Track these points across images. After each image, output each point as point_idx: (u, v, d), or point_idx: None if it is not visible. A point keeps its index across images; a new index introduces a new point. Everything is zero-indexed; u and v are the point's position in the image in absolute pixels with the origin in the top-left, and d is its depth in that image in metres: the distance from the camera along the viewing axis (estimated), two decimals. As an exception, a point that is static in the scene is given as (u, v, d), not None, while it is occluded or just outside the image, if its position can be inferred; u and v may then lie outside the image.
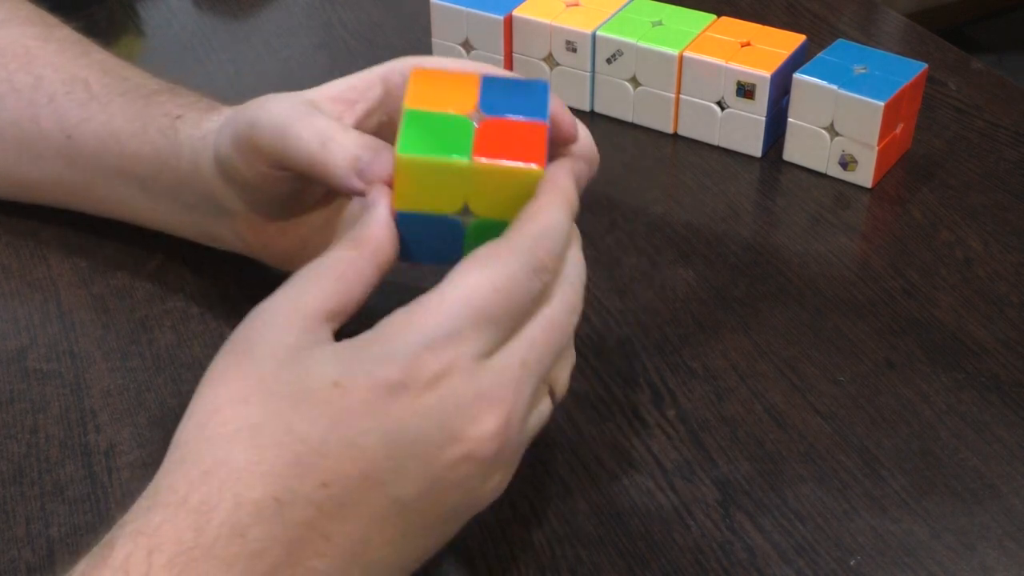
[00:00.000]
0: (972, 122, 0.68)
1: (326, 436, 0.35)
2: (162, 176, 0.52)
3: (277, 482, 0.35)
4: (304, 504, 0.35)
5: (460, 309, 0.36)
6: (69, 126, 0.55)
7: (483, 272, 0.37)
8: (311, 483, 0.35)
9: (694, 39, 0.66)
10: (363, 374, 0.36)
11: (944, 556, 0.44)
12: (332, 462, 0.35)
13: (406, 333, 0.36)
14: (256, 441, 0.35)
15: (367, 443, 0.35)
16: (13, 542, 0.44)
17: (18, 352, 0.53)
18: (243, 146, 0.46)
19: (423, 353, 0.36)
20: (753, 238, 0.60)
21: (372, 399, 0.35)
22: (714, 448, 0.48)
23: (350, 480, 0.36)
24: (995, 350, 0.52)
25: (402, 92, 0.44)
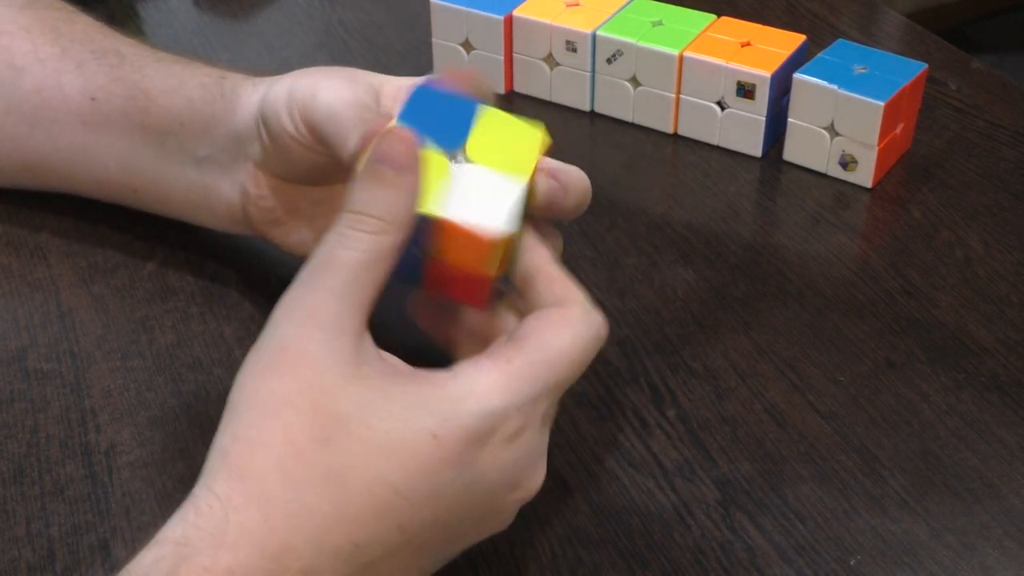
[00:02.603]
0: (972, 122, 0.68)
1: (417, 487, 0.36)
2: (185, 127, 0.53)
3: (361, 529, 0.35)
4: (378, 547, 0.36)
5: (543, 373, 0.38)
6: (95, 88, 0.55)
7: (563, 337, 0.39)
8: (389, 527, 0.36)
9: (694, 39, 0.66)
10: (459, 428, 0.36)
11: (944, 556, 0.44)
12: (415, 509, 0.36)
13: (502, 393, 0.37)
14: (344, 488, 0.35)
15: (450, 491, 0.37)
16: (13, 542, 0.44)
17: (18, 352, 0.53)
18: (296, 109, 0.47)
19: (512, 413, 0.38)
20: (753, 238, 0.60)
21: (464, 452, 0.37)
22: (714, 448, 0.48)
23: (424, 524, 0.37)
24: (995, 350, 0.52)
25: None
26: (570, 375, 0.39)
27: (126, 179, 0.57)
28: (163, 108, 0.54)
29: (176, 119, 0.54)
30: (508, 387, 0.38)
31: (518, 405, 0.38)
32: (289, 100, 0.47)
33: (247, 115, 0.51)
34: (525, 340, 0.39)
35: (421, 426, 0.36)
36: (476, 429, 0.37)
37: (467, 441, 0.36)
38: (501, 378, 0.38)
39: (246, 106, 0.51)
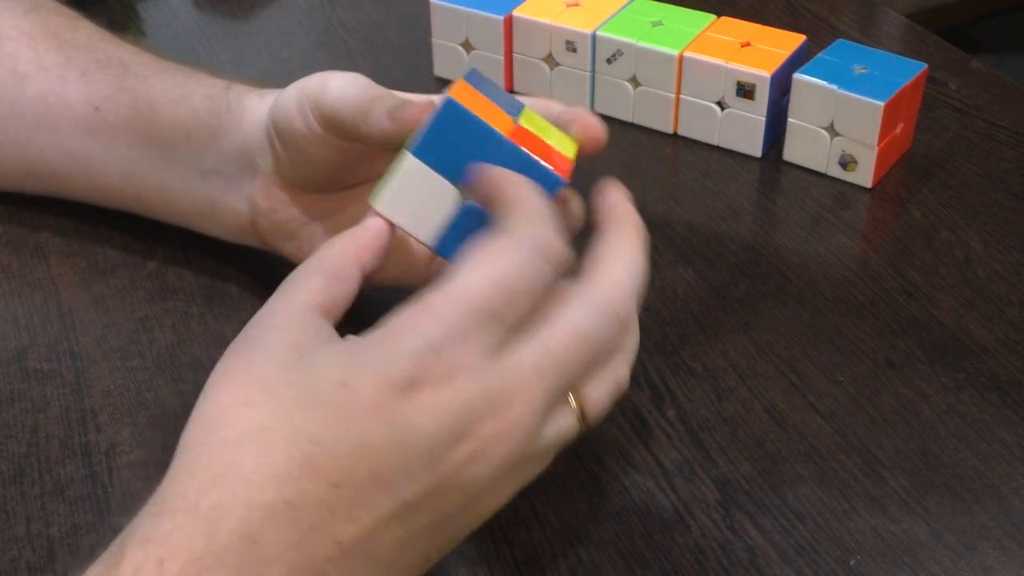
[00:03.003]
0: (972, 122, 0.69)
1: (336, 436, 0.35)
2: (191, 139, 0.53)
3: (288, 484, 0.35)
4: (315, 506, 0.35)
5: (462, 307, 0.36)
6: (99, 97, 0.55)
7: (482, 266, 0.37)
8: (322, 484, 0.35)
9: (694, 39, 0.66)
10: (370, 374, 0.35)
11: (944, 556, 0.44)
12: (342, 462, 0.35)
13: (411, 334, 0.36)
14: (265, 444, 0.35)
15: (376, 443, 0.35)
16: (13, 542, 0.44)
17: (18, 352, 0.53)
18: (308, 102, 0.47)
19: (429, 354, 0.35)
20: (753, 238, 0.60)
21: (380, 399, 0.35)
22: (714, 448, 0.48)
23: (360, 480, 0.35)
24: (995, 350, 0.52)
25: None
26: (502, 304, 0.36)
27: (130, 188, 0.57)
28: (168, 119, 0.54)
29: (182, 130, 0.54)
30: (420, 326, 0.36)
31: (434, 345, 0.35)
32: (299, 99, 0.48)
33: (255, 126, 0.51)
34: (444, 278, 0.37)
35: (332, 376, 0.36)
36: (388, 375, 0.35)
37: (380, 388, 0.35)
38: (417, 315, 0.36)
39: (253, 117, 0.51)
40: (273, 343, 0.37)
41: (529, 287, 0.37)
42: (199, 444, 0.36)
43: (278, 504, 0.34)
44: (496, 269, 0.37)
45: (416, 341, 0.36)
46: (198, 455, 0.36)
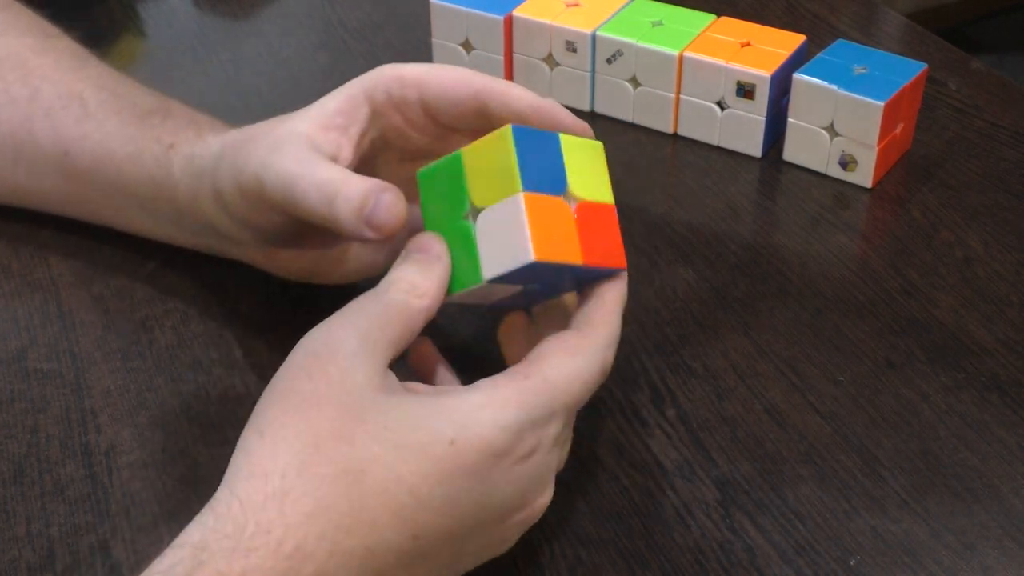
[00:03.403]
0: (972, 122, 0.68)
1: (434, 492, 0.36)
2: (159, 202, 0.52)
3: (375, 532, 0.35)
4: (390, 554, 0.36)
5: (560, 396, 0.39)
6: (66, 142, 0.54)
7: (576, 363, 0.40)
8: (405, 535, 0.36)
9: (694, 39, 0.66)
10: (477, 437, 0.37)
11: (944, 556, 0.44)
12: (429, 517, 0.36)
13: (517, 407, 0.38)
14: (362, 487, 0.35)
15: (464, 501, 0.37)
16: (13, 542, 0.44)
17: (18, 352, 0.53)
18: (250, 198, 0.46)
19: (528, 429, 0.38)
20: (753, 238, 0.60)
21: (480, 462, 0.37)
22: (714, 448, 0.48)
23: (438, 535, 0.37)
24: (995, 350, 0.52)
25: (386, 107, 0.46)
26: (580, 398, 0.40)
27: (121, 225, 0.57)
28: (130, 178, 0.53)
29: (147, 191, 0.52)
30: (523, 401, 0.38)
31: (533, 419, 0.38)
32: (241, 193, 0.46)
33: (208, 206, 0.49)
34: (541, 359, 0.40)
35: (440, 431, 0.36)
36: (492, 440, 0.37)
37: (483, 451, 0.37)
38: (517, 392, 0.38)
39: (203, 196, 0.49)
40: (364, 380, 0.37)
41: (593, 388, 0.41)
42: (289, 472, 0.35)
43: (359, 549, 0.35)
44: (586, 372, 0.40)
45: (520, 414, 0.38)
46: (290, 486, 0.35)
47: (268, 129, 0.46)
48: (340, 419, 0.36)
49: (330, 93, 0.46)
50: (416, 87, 0.46)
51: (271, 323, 0.54)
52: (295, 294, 0.55)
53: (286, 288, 0.54)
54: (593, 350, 0.41)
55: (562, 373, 0.39)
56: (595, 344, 0.41)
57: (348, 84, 0.46)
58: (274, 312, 0.55)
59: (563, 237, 0.41)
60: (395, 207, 0.41)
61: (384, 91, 0.46)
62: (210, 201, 0.49)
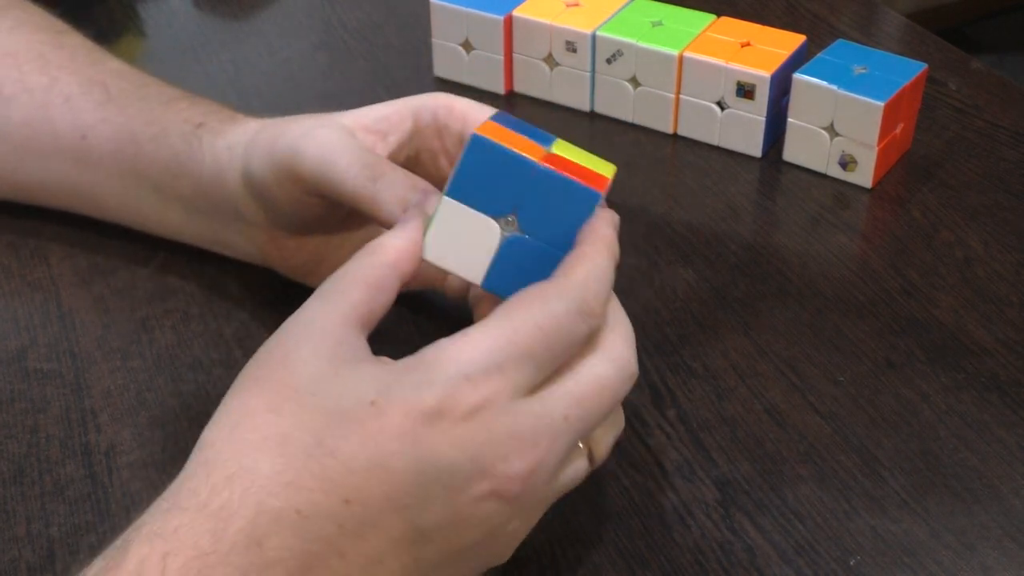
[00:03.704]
0: (972, 122, 0.69)
1: (356, 453, 0.35)
2: (179, 182, 0.52)
3: (301, 494, 0.35)
4: (325, 519, 0.35)
5: (503, 344, 0.36)
6: (85, 126, 0.55)
7: (529, 310, 0.37)
8: (335, 498, 0.35)
9: (694, 39, 0.66)
10: (400, 397, 0.36)
11: (944, 556, 0.44)
12: (358, 479, 0.35)
13: (447, 362, 0.36)
14: (284, 451, 0.35)
15: (396, 466, 0.36)
16: (13, 542, 0.44)
17: (18, 352, 0.53)
18: (282, 172, 0.46)
19: (462, 383, 0.36)
20: (753, 238, 0.60)
21: (407, 423, 0.36)
22: (714, 448, 0.48)
23: (373, 500, 0.36)
24: (995, 350, 0.52)
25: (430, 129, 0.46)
26: (541, 347, 0.37)
27: (129, 214, 0.57)
28: (151, 157, 0.53)
29: (166, 171, 0.53)
30: (457, 357, 0.36)
31: (469, 376, 0.36)
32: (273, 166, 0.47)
33: (230, 180, 0.50)
34: (491, 316, 0.37)
35: (362, 394, 0.36)
36: (419, 400, 0.35)
37: (408, 412, 0.35)
38: (452, 349, 0.36)
39: (226, 172, 0.50)
40: (307, 353, 0.37)
41: (566, 339, 0.37)
42: (219, 442, 0.36)
43: (288, 511, 0.35)
44: (541, 314, 0.37)
45: (451, 369, 0.36)
46: (217, 453, 0.36)
47: (310, 116, 0.47)
48: (274, 392, 0.36)
49: (380, 103, 0.47)
50: (461, 120, 0.47)
51: (271, 323, 0.54)
52: (295, 295, 0.54)
53: (286, 289, 0.54)
54: (558, 294, 0.37)
55: (512, 323, 0.37)
56: (560, 288, 0.38)
57: (400, 99, 0.47)
58: (274, 312, 0.55)
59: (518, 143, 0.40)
60: None
61: (432, 113, 0.47)
62: (236, 177, 0.49)
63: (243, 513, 0.34)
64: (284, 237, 0.51)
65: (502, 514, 0.38)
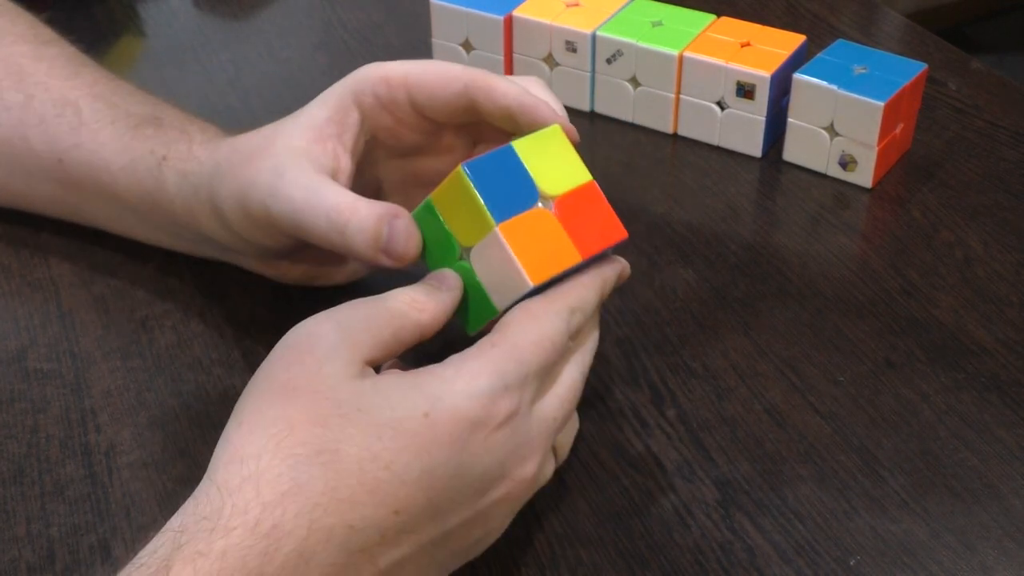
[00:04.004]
0: (972, 122, 0.68)
1: (410, 464, 0.36)
2: (155, 213, 0.52)
3: (354, 510, 0.35)
4: (372, 531, 0.36)
5: (530, 357, 0.39)
6: (60, 150, 0.54)
7: (541, 326, 0.40)
8: (385, 511, 0.36)
9: (694, 39, 0.66)
10: (451, 407, 0.37)
11: (944, 556, 0.44)
12: (409, 490, 0.36)
13: (489, 374, 0.38)
14: (337, 466, 0.35)
15: (442, 473, 0.37)
16: (13, 542, 0.44)
17: (18, 352, 0.53)
18: (258, 222, 0.46)
19: (502, 395, 0.38)
20: (753, 238, 0.60)
21: (456, 432, 0.37)
22: (714, 448, 0.48)
23: (418, 508, 0.36)
24: (995, 350, 0.52)
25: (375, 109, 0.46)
26: (549, 359, 0.40)
27: (119, 231, 0.57)
28: (125, 187, 0.52)
29: (142, 201, 0.52)
30: (494, 369, 0.38)
31: (506, 385, 0.38)
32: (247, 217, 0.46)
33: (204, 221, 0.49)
34: (507, 326, 0.40)
35: (413, 406, 0.37)
36: (467, 410, 0.37)
37: (458, 421, 0.37)
38: (487, 361, 0.38)
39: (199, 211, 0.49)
40: (342, 370, 0.37)
41: (560, 349, 0.41)
42: (265, 456, 0.35)
43: (339, 527, 0.35)
44: (550, 333, 0.40)
45: (493, 380, 0.38)
46: (265, 468, 0.35)
47: (264, 145, 0.45)
48: (314, 404, 0.36)
49: (317, 99, 0.46)
50: (403, 87, 0.46)
51: (271, 323, 0.54)
52: (295, 295, 0.55)
53: (286, 289, 0.54)
54: (555, 312, 0.40)
55: (528, 337, 0.39)
56: (555, 307, 0.41)
57: (333, 89, 0.46)
58: (274, 312, 0.55)
59: (554, 248, 0.41)
60: (409, 232, 0.42)
61: (371, 93, 0.46)
62: (208, 216, 0.49)
63: (297, 533, 0.34)
64: (274, 260, 0.52)
65: (505, 514, 0.40)
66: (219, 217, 0.48)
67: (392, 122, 0.47)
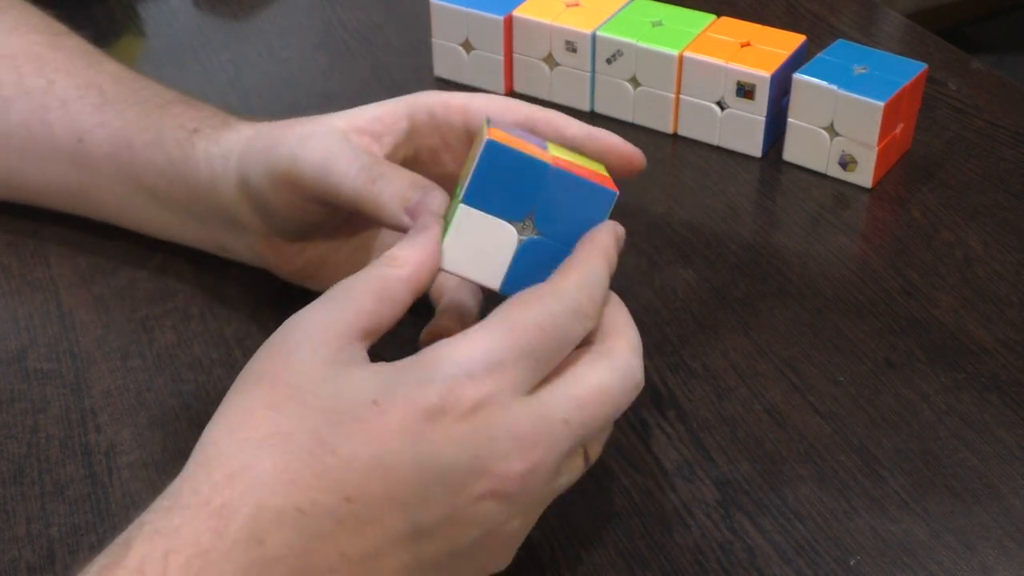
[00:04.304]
0: (972, 122, 0.69)
1: (357, 452, 0.35)
2: (175, 188, 0.52)
3: (301, 492, 0.35)
4: (325, 517, 0.35)
5: (503, 342, 0.37)
6: (82, 130, 0.54)
7: (527, 310, 0.37)
8: (335, 497, 0.35)
9: (694, 39, 0.66)
10: (402, 396, 0.36)
11: (944, 556, 0.44)
12: (359, 477, 0.35)
13: (448, 360, 0.36)
14: (285, 449, 0.35)
15: (397, 463, 0.36)
16: (13, 542, 0.44)
17: (18, 352, 0.53)
18: (280, 179, 0.46)
19: (464, 381, 0.36)
20: (753, 238, 0.60)
21: (408, 421, 0.36)
22: (714, 448, 0.48)
23: (373, 498, 0.36)
24: (995, 350, 0.52)
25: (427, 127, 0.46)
26: (541, 346, 0.37)
27: (128, 218, 0.57)
28: (147, 163, 0.53)
29: (162, 177, 0.53)
30: (458, 356, 0.36)
31: (471, 373, 0.36)
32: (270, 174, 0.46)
33: (225, 186, 0.50)
34: (490, 316, 0.38)
35: (364, 394, 0.36)
36: (420, 398, 0.35)
37: (410, 410, 0.35)
38: (453, 348, 0.36)
39: (221, 179, 0.50)
40: (308, 354, 0.37)
41: (563, 339, 0.38)
42: (220, 441, 0.36)
43: (289, 509, 0.35)
44: (539, 313, 0.37)
45: (452, 366, 0.36)
46: (218, 452, 0.36)
47: (304, 120, 0.47)
48: (273, 390, 0.37)
49: (374, 103, 0.47)
50: (461, 112, 0.46)
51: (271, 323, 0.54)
52: (296, 295, 0.55)
53: (286, 289, 0.54)
54: (555, 293, 0.38)
55: (511, 323, 0.37)
56: (559, 288, 0.38)
57: (394, 98, 0.47)
58: (274, 312, 0.55)
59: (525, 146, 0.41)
60: (440, 203, 0.41)
61: (427, 111, 0.46)
62: (232, 185, 0.49)
63: (244, 511, 0.35)
64: (282, 243, 0.51)
65: (501, 513, 0.37)
66: (242, 183, 0.48)
67: (439, 144, 0.47)
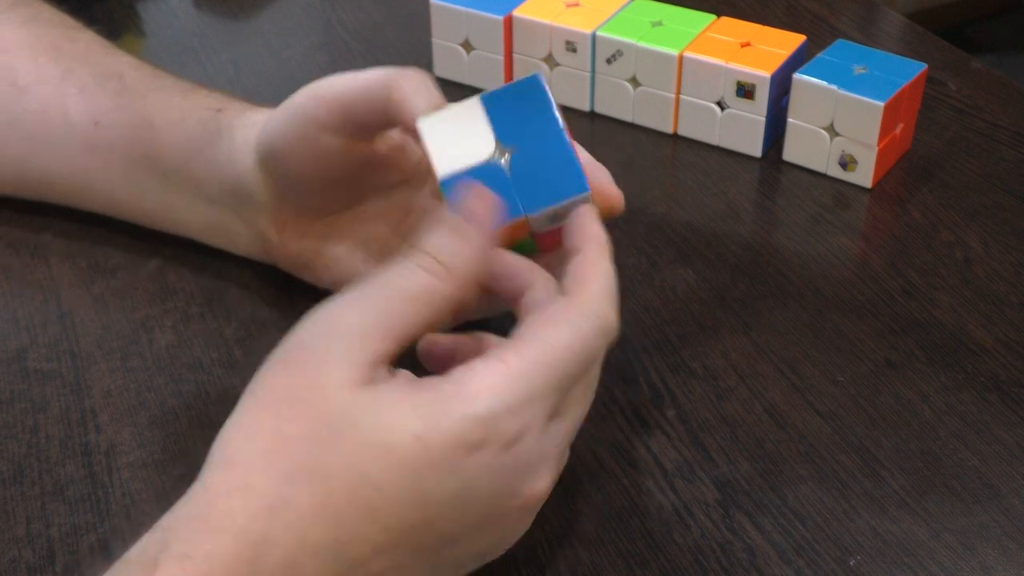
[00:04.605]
0: (972, 122, 0.69)
1: (401, 487, 0.35)
2: (190, 165, 0.53)
3: (342, 525, 0.35)
4: (362, 543, 0.35)
5: (538, 369, 0.37)
6: (99, 113, 0.55)
7: (557, 330, 0.37)
8: (376, 527, 0.35)
9: (694, 39, 0.66)
10: (446, 431, 0.35)
11: (944, 556, 0.44)
12: (399, 509, 0.36)
13: (488, 392, 0.36)
14: (326, 485, 0.35)
15: (438, 495, 0.36)
16: (13, 542, 0.44)
17: (18, 352, 0.53)
18: (300, 117, 0.47)
19: (505, 416, 0.36)
20: (753, 238, 0.60)
21: (450, 455, 0.36)
22: (714, 448, 0.48)
23: (412, 524, 0.36)
24: (995, 350, 0.52)
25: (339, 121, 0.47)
26: (573, 371, 0.38)
27: (135, 207, 0.57)
28: (166, 142, 0.53)
29: (180, 155, 0.53)
30: (499, 389, 0.36)
31: (511, 408, 0.36)
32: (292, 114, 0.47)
33: (245, 158, 0.50)
34: (521, 339, 0.37)
35: (406, 428, 0.35)
36: (463, 433, 0.35)
37: (453, 445, 0.35)
38: (492, 380, 0.36)
39: (242, 149, 0.50)
40: (338, 379, 0.36)
41: (591, 359, 0.39)
42: (254, 468, 0.35)
43: (328, 541, 0.35)
44: (574, 339, 0.37)
45: (491, 400, 0.36)
46: (253, 480, 0.35)
47: None
48: (308, 418, 0.36)
49: None
50: None
51: (271, 323, 0.54)
52: (296, 294, 0.55)
53: (287, 288, 0.54)
54: (582, 313, 0.38)
55: (545, 349, 0.37)
56: (582, 306, 0.38)
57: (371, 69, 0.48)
58: (274, 312, 0.55)
59: None
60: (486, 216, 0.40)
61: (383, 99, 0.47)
62: (249, 148, 0.50)
63: (284, 545, 0.34)
64: (286, 220, 0.51)
65: (523, 521, 0.40)
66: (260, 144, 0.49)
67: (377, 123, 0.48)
